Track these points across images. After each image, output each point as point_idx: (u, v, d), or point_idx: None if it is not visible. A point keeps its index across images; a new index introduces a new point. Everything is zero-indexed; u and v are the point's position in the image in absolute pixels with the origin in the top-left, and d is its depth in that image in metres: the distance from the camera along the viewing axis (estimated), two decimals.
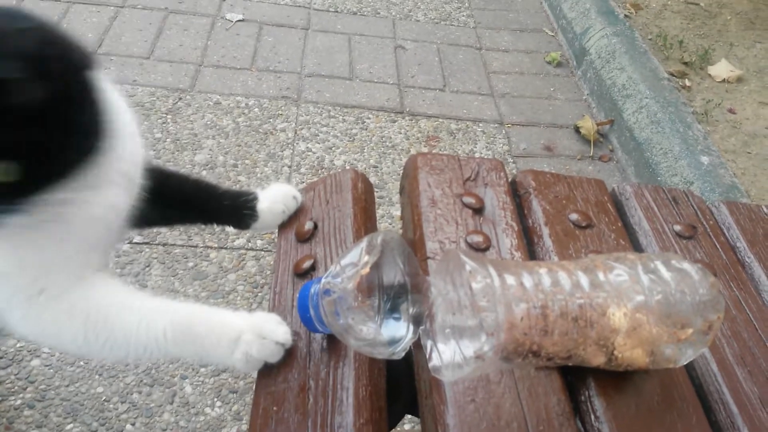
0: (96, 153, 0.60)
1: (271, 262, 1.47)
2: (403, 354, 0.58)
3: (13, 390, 1.16)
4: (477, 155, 1.89)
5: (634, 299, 0.55)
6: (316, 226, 0.75)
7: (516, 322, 0.52)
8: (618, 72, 2.10)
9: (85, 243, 0.65)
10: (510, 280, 0.54)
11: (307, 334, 0.63)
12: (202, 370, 1.24)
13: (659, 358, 0.57)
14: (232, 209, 0.82)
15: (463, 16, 2.59)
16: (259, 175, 1.71)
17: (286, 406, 0.57)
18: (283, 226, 0.79)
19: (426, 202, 0.74)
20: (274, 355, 0.62)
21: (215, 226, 0.86)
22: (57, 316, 0.64)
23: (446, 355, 0.56)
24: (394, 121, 1.98)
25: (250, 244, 1.51)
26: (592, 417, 0.56)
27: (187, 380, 1.22)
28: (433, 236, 0.71)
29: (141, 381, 1.21)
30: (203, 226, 1.16)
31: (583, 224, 0.75)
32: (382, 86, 2.12)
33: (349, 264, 0.58)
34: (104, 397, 1.17)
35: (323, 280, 0.58)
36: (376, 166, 1.80)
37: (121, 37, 2.13)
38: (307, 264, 0.70)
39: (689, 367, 0.62)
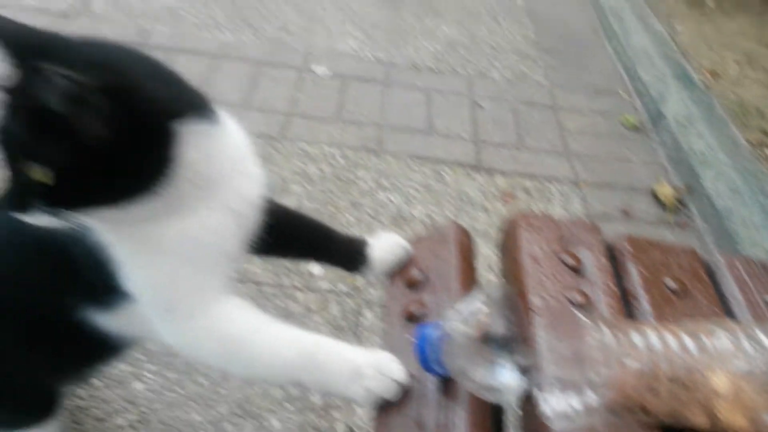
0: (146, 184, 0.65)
1: (353, 307, 1.55)
2: (512, 400, 0.63)
3: (118, 410, 1.26)
4: (554, 216, 1.93)
5: (737, 365, 0.59)
6: (423, 275, 0.82)
7: (628, 378, 0.57)
8: (696, 138, 2.12)
9: (200, 265, 0.72)
10: (621, 337, 0.59)
11: (422, 375, 0.69)
12: (289, 406, 1.31)
13: (760, 425, 0.60)
14: (347, 252, 0.90)
15: (538, 75, 2.67)
16: (341, 221, 1.81)
17: None
18: (393, 274, 0.85)
19: (528, 259, 0.80)
20: (391, 392, 0.68)
21: (326, 264, 0.94)
22: (196, 334, 0.73)
23: (556, 405, 0.61)
24: (471, 177, 2.05)
25: (333, 287, 1.59)
26: None
27: (274, 414, 1.29)
28: (534, 291, 0.76)
29: (233, 412, 1.28)
30: (314, 263, 1.24)
31: (680, 291, 0.79)
32: (459, 141, 2.21)
33: (467, 312, 0.64)
34: (199, 424, 1.25)
35: (445, 324, 0.64)
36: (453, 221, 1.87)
37: (219, 85, 2.30)
38: (416, 309, 0.77)
39: None
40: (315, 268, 1.63)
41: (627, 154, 2.27)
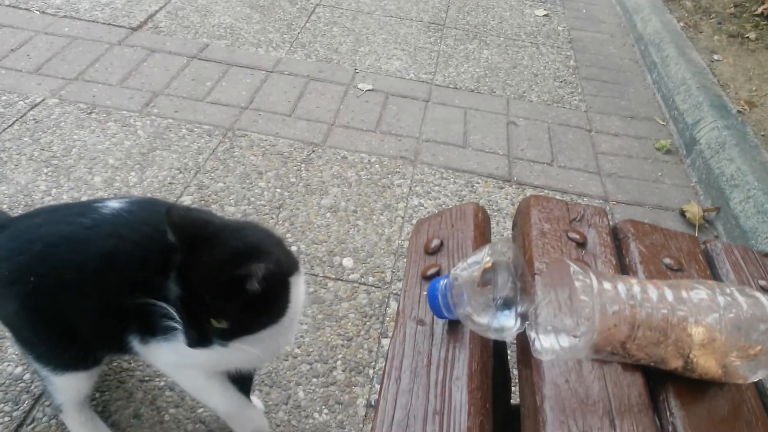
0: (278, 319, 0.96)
1: (380, 297, 1.64)
2: (510, 339, 0.72)
3: (158, 374, 1.37)
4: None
5: (711, 315, 0.66)
6: (442, 244, 0.91)
7: (608, 317, 0.65)
8: (727, 162, 2.16)
9: (239, 359, 1.03)
10: (607, 285, 0.67)
11: (433, 320, 0.78)
12: (314, 380, 1.40)
13: (731, 370, 0.67)
14: None
15: (575, 100, 2.75)
16: (375, 221, 1.91)
17: (418, 372, 0.71)
18: (414, 243, 0.95)
19: (536, 232, 0.89)
20: None
21: None
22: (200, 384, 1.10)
23: (546, 344, 0.69)
24: (502, 188, 2.14)
25: (363, 279, 1.68)
26: (668, 413, 0.66)
27: (300, 387, 1.39)
28: (539, 258, 0.84)
29: (262, 382, 1.38)
30: None
31: (675, 267, 0.86)
32: (493, 156, 2.29)
33: (473, 262, 0.73)
34: None
35: (452, 272, 0.73)
36: None
37: (270, 96, 2.46)
38: (432, 270, 0.86)
39: (759, 387, 0.70)
40: (347, 260, 1.74)
41: (658, 176, 2.32)
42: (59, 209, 1.10)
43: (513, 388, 1.17)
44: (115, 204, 1.03)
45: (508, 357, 1.02)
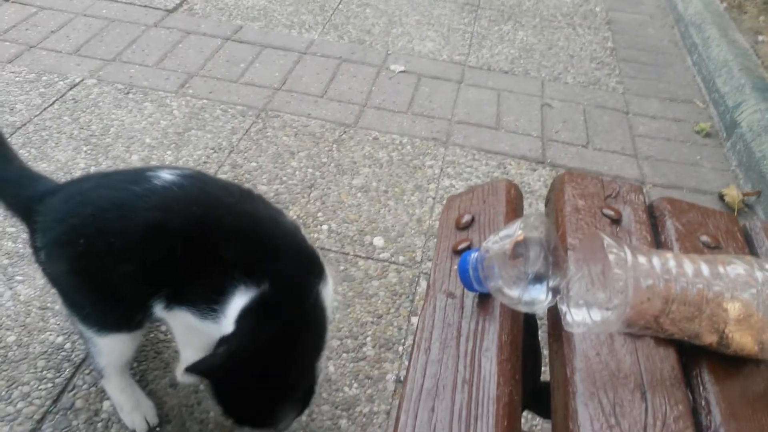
0: None
1: (411, 276, 1.64)
2: (541, 312, 0.71)
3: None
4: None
5: (748, 290, 0.64)
6: (473, 219, 0.90)
7: (641, 291, 0.64)
8: None
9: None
10: (641, 259, 0.66)
11: (463, 293, 0.78)
12: (344, 355, 1.42)
13: (767, 346, 0.65)
14: None
15: (613, 82, 2.70)
16: (405, 201, 1.91)
17: (447, 343, 0.72)
18: (445, 218, 0.95)
19: (569, 208, 0.88)
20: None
21: None
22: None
23: (577, 317, 0.69)
24: (535, 170, 2.11)
25: (393, 258, 1.69)
26: (701, 388, 0.65)
27: (331, 361, 1.40)
28: (574, 234, 0.83)
29: None
30: None
31: (712, 245, 0.84)
32: (526, 138, 2.27)
33: (505, 235, 0.73)
34: None
35: (483, 244, 0.73)
36: None
37: (302, 77, 2.47)
38: (463, 245, 0.86)
39: None
40: (377, 239, 1.74)
41: (697, 159, 2.26)
42: (112, 175, 1.13)
43: (543, 368, 1.17)
44: (166, 175, 1.04)
45: (540, 337, 1.02)
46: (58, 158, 1.91)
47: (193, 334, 1.06)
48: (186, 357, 1.11)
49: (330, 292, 1.07)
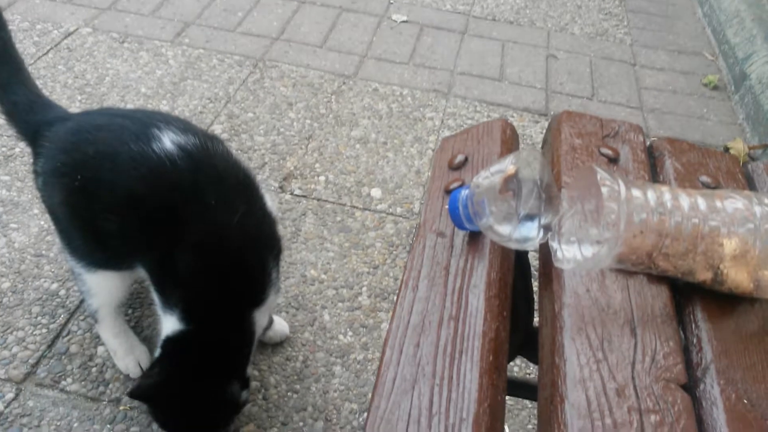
0: None
1: (408, 228, 1.63)
2: (531, 249, 0.69)
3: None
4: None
5: (745, 225, 0.62)
6: (466, 159, 0.88)
7: (634, 225, 0.62)
8: None
9: None
10: (636, 192, 0.64)
11: (453, 232, 0.76)
12: (340, 305, 1.41)
13: (764, 285, 0.63)
14: None
15: (621, 33, 2.62)
16: (404, 153, 1.88)
17: (435, 281, 0.70)
18: (438, 159, 0.92)
19: (566, 147, 0.85)
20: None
21: None
22: None
23: (568, 253, 0.67)
24: (537, 122, 2.07)
25: (390, 210, 1.67)
26: (693, 326, 0.64)
27: (326, 310, 1.40)
28: (569, 172, 0.81)
29: (289, 304, 1.40)
30: None
31: (712, 186, 0.82)
32: (530, 90, 2.22)
33: (496, 170, 0.70)
34: None
35: (474, 180, 0.71)
36: None
37: (301, 27, 2.41)
38: (455, 185, 0.83)
39: None
40: (375, 191, 1.72)
41: (704, 113, 2.21)
42: (123, 118, 1.07)
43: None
44: (168, 143, 1.00)
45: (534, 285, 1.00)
46: None
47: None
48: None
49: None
